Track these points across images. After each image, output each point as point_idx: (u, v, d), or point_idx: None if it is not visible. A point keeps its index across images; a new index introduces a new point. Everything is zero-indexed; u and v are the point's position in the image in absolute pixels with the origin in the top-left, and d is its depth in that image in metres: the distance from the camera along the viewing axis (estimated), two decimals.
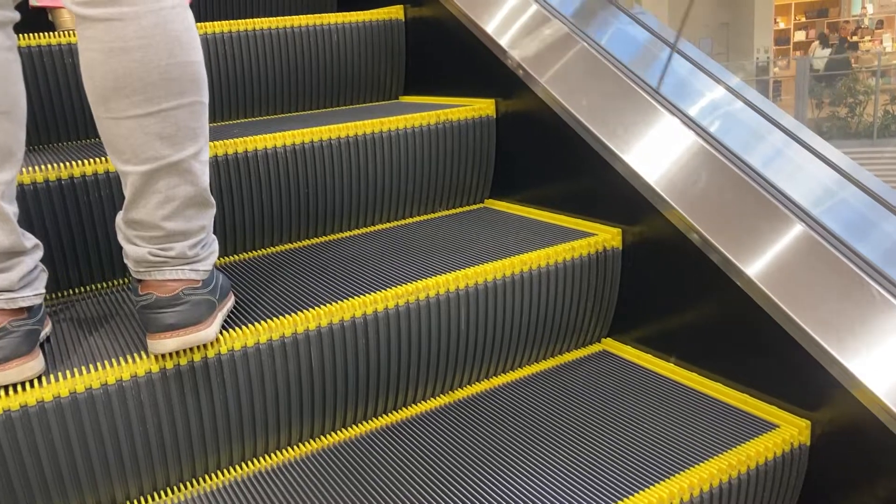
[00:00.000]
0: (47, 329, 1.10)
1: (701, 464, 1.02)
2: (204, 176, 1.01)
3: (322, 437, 1.17)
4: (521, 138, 1.58)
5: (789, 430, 1.07)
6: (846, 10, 16.37)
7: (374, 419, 1.21)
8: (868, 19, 15.36)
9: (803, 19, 16.89)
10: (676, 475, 1.00)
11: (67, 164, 1.25)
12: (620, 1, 1.57)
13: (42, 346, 1.06)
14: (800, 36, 16.58)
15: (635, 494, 0.96)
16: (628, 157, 1.31)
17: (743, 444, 1.05)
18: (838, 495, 1.05)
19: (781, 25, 16.24)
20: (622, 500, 0.95)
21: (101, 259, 1.30)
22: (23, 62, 1.01)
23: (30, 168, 1.23)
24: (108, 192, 1.28)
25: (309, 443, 1.16)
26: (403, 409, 1.24)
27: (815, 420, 1.07)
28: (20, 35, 1.35)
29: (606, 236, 1.35)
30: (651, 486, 0.98)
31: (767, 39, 14.88)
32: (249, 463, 1.12)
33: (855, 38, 14.07)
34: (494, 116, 1.62)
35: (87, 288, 1.32)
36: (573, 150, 1.41)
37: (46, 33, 1.51)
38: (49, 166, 1.23)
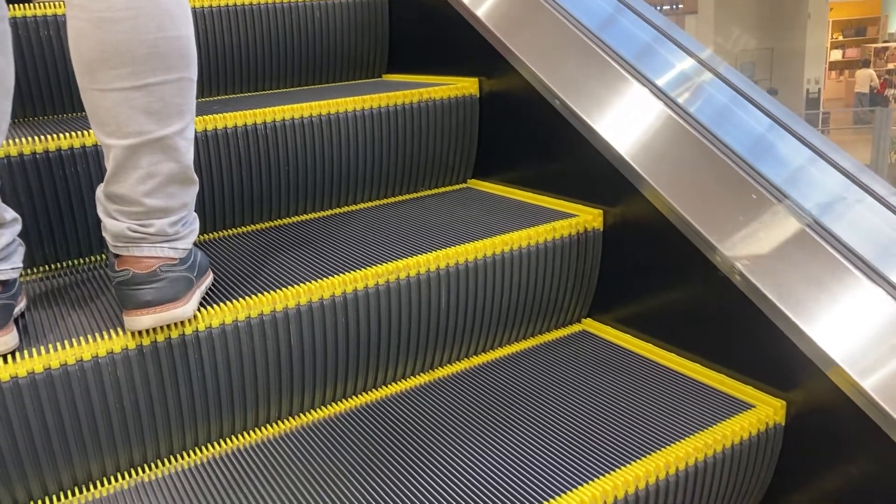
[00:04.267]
0: (22, 304, 1.08)
1: (677, 442, 1.03)
2: (188, 153, 1.00)
3: (300, 415, 1.17)
4: (505, 118, 1.57)
5: (765, 410, 1.08)
6: (884, 28, 15.69)
7: (353, 397, 1.21)
8: None
9: (840, 38, 16.20)
10: (653, 453, 1.00)
11: (44, 137, 1.23)
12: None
13: (17, 321, 1.05)
14: (836, 55, 15.91)
15: (612, 472, 0.97)
16: (611, 138, 1.31)
17: (719, 424, 1.06)
18: (812, 473, 1.06)
19: None
20: (599, 478, 0.96)
21: (78, 235, 1.29)
22: None
23: (6, 142, 1.20)
24: (84, 168, 1.26)
25: (287, 420, 1.16)
26: (383, 387, 1.24)
27: (790, 400, 1.08)
28: None
29: (588, 217, 1.35)
30: (628, 465, 0.98)
31: (818, 69, 13.86)
32: (227, 440, 1.12)
33: None
34: (478, 96, 1.61)
35: (64, 264, 1.30)
36: (555, 130, 1.41)
37: (23, 4, 1.48)
38: (25, 139, 1.21)
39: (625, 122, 1.32)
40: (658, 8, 1.53)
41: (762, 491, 1.12)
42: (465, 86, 1.60)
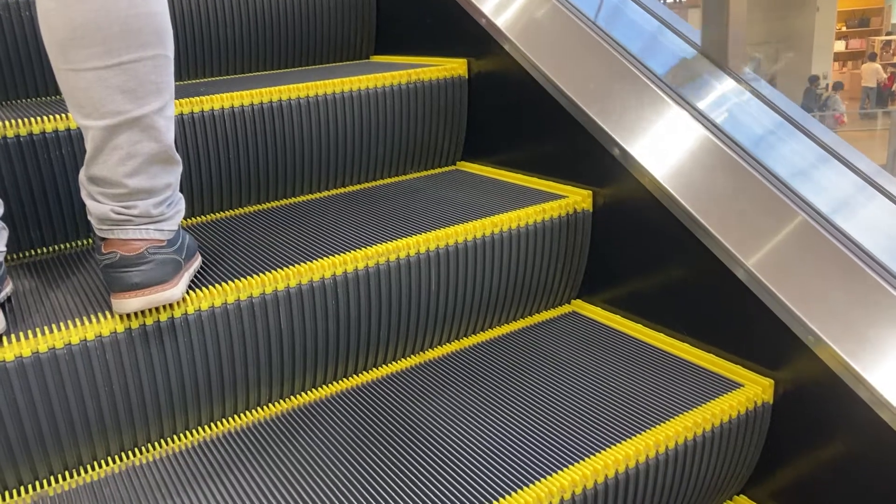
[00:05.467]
0: (8, 289, 1.07)
1: (666, 421, 1.03)
2: (169, 132, 0.99)
3: (291, 398, 1.17)
4: (494, 99, 1.56)
5: (753, 389, 1.09)
6: (888, 18, 15.41)
7: (343, 379, 1.21)
8: None
9: (843, 28, 15.95)
10: (642, 433, 1.01)
11: (26, 120, 1.21)
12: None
13: (3, 306, 1.04)
14: (839, 46, 15.64)
15: (602, 451, 0.98)
16: (600, 119, 1.30)
17: (708, 403, 1.07)
18: (799, 451, 1.07)
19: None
20: (590, 456, 0.97)
21: (63, 219, 1.28)
22: None
23: None
24: (69, 151, 1.25)
25: (278, 403, 1.16)
26: (374, 369, 1.24)
27: (778, 379, 1.09)
28: None
29: (577, 198, 1.35)
30: (618, 444, 0.99)
31: (826, 63, 13.60)
32: (217, 423, 1.12)
33: None
34: (466, 76, 1.60)
35: (51, 248, 1.29)
36: (544, 111, 1.40)
37: None
38: (7, 122, 1.20)
39: (615, 102, 1.32)
40: (661, 1, 1.51)
41: (750, 469, 1.13)
42: (453, 67, 1.59)
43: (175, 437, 1.09)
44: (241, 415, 1.14)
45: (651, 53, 1.36)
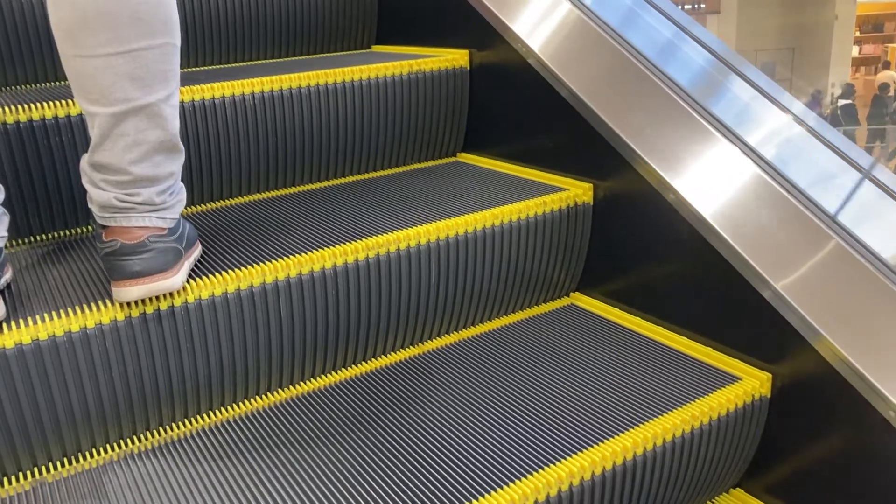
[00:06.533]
0: (8, 275, 1.07)
1: (664, 414, 1.04)
2: (174, 121, 0.99)
3: (289, 388, 1.17)
4: (495, 91, 1.56)
5: (751, 383, 1.09)
6: None
7: (343, 369, 1.22)
8: None
9: (857, 34, 16.02)
10: (640, 425, 1.02)
11: (26, 106, 1.21)
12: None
13: (3, 292, 1.04)
14: (853, 51, 15.72)
15: (600, 443, 0.98)
16: (602, 111, 1.30)
17: (705, 396, 1.07)
18: (796, 445, 1.08)
19: None
20: (587, 448, 0.97)
21: (63, 206, 1.27)
22: None
23: None
24: (69, 137, 1.24)
25: (277, 392, 1.16)
26: (373, 359, 1.24)
27: (776, 373, 1.09)
28: None
29: (578, 191, 1.35)
30: (616, 436, 0.99)
31: (843, 71, 13.42)
32: (216, 412, 1.12)
33: None
34: (468, 68, 1.60)
35: (51, 235, 1.29)
36: (546, 103, 1.40)
37: None
38: (7, 108, 1.19)
39: (617, 94, 1.32)
40: (679, 7, 1.49)
41: (746, 463, 1.14)
42: (454, 58, 1.59)
43: (174, 424, 1.09)
44: (240, 403, 1.14)
45: (650, 42, 1.36)
